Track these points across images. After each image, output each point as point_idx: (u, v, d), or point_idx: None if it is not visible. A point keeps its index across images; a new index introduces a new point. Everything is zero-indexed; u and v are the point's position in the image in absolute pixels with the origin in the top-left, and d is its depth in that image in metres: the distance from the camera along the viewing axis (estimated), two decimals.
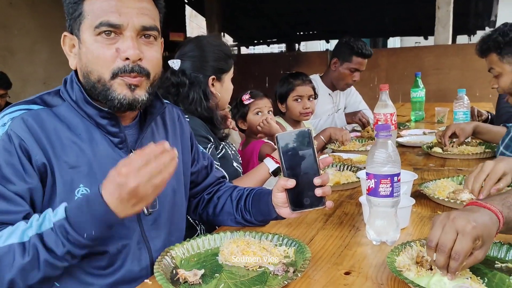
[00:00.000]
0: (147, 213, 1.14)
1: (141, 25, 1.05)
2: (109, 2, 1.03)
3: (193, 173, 1.36)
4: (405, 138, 2.54)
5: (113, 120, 1.09)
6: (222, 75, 1.76)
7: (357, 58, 2.99)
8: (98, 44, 1.03)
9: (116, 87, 1.05)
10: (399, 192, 1.13)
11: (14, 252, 0.92)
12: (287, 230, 1.28)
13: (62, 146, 1.04)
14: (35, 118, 1.04)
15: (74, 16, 1.05)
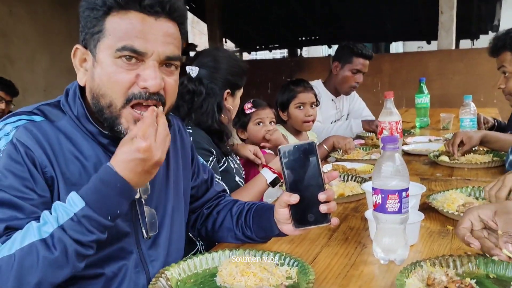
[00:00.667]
0: (147, 237, 1.08)
1: (166, 55, 0.98)
2: (134, 25, 0.95)
3: (193, 187, 1.30)
4: (410, 146, 2.48)
5: (115, 140, 1.02)
6: (235, 91, 1.74)
7: (357, 59, 2.96)
8: (117, 68, 0.96)
9: (123, 120, 0.98)
10: (407, 207, 1.06)
11: (38, 251, 0.86)
12: (289, 247, 1.22)
13: (65, 161, 0.98)
14: (39, 129, 0.98)
15: (92, 32, 0.98)
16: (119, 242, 1.04)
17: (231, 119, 1.78)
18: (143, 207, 1.07)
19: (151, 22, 0.96)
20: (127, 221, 1.05)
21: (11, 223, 0.90)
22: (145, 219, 1.07)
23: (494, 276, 0.97)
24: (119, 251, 1.05)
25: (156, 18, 0.97)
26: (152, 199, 1.10)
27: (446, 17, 5.39)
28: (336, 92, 3.11)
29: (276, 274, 1.02)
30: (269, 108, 2.25)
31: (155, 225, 1.09)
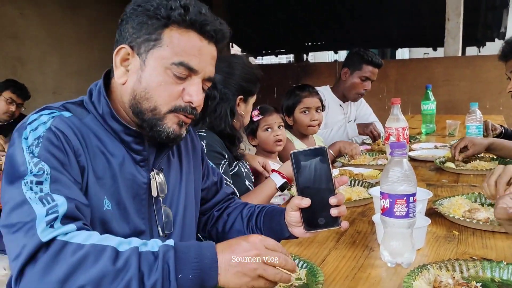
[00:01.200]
0: (163, 235, 1.11)
1: (209, 75, 1.07)
2: (193, 44, 1.01)
3: (203, 189, 1.33)
4: (416, 152, 2.50)
5: (138, 138, 1.06)
6: (248, 97, 1.78)
7: (367, 67, 2.98)
8: (168, 78, 1.01)
9: (168, 121, 1.03)
10: (415, 212, 1.09)
11: (105, 254, 0.81)
12: (298, 249, 1.25)
13: (94, 154, 1.01)
14: (70, 122, 1.00)
15: (147, 38, 1.01)
16: None
17: (243, 124, 1.82)
18: (161, 205, 1.10)
19: (205, 45, 1.04)
20: (143, 219, 1.08)
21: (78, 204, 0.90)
22: (162, 217, 1.11)
23: (499, 280, 1.00)
24: None
25: (209, 42, 1.05)
26: (167, 198, 1.14)
27: (453, 24, 5.42)
28: (344, 97, 3.14)
29: None
30: (276, 113, 2.28)
31: (171, 223, 1.12)
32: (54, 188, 0.89)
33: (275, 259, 0.85)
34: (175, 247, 0.85)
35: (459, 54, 5.55)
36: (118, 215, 1.03)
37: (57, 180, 0.90)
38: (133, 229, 1.06)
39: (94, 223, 0.98)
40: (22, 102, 3.62)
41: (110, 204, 1.01)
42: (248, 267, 0.84)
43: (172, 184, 1.16)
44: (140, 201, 1.07)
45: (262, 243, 0.86)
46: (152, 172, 1.09)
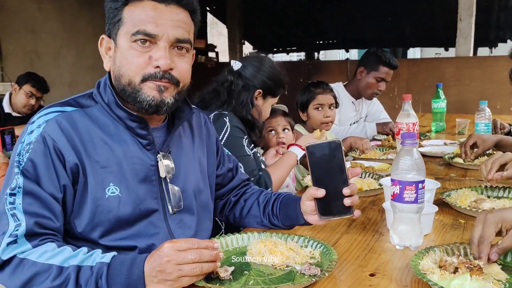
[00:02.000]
0: (172, 212, 1.19)
1: (175, 37, 1.10)
2: (147, 12, 1.08)
3: (219, 175, 1.41)
4: (426, 148, 2.56)
5: (142, 123, 1.15)
6: (268, 95, 1.91)
7: (384, 68, 3.04)
8: (133, 51, 1.09)
9: (146, 89, 1.10)
10: (423, 198, 1.16)
11: (50, 274, 0.95)
12: (311, 233, 1.32)
13: (94, 146, 1.10)
14: (69, 120, 1.09)
15: (114, 21, 1.11)
16: (148, 218, 1.16)
17: (260, 119, 1.93)
18: (168, 185, 1.18)
19: (162, 9, 1.10)
20: (155, 199, 1.17)
21: (39, 220, 1.02)
22: (170, 196, 1.19)
23: (501, 262, 1.06)
24: (149, 226, 1.16)
25: (166, 5, 1.10)
26: (178, 180, 1.21)
27: (465, 24, 5.44)
28: (357, 95, 3.19)
29: (301, 254, 1.12)
30: (282, 115, 2.30)
31: (180, 202, 1.20)
32: (24, 202, 1.02)
33: (188, 258, 0.92)
34: (110, 264, 0.96)
35: (471, 55, 5.57)
36: (127, 197, 1.11)
37: (28, 193, 1.03)
38: (146, 208, 1.15)
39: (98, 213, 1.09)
40: (41, 95, 3.70)
41: (117, 188, 1.10)
42: (166, 272, 0.92)
43: (183, 165, 1.24)
44: (151, 182, 1.16)
45: (172, 248, 0.93)
46: (158, 155, 1.17)
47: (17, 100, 3.62)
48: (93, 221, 1.10)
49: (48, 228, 1.04)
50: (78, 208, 1.10)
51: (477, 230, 1.05)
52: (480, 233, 1.04)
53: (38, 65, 5.47)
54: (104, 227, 1.11)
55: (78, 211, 1.10)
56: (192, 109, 1.27)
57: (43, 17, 5.57)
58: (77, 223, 1.10)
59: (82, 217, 1.10)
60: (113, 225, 1.11)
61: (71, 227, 1.11)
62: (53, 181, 1.05)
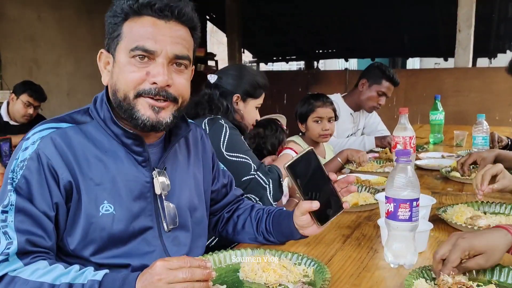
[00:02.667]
0: (167, 230, 1.18)
1: (174, 53, 1.09)
2: (146, 28, 1.08)
3: (213, 191, 1.40)
4: (423, 161, 2.55)
5: (137, 140, 1.14)
6: (247, 98, 1.96)
7: (386, 82, 3.05)
8: (131, 66, 1.08)
9: (139, 107, 1.09)
10: (417, 216, 1.15)
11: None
12: (305, 249, 1.31)
13: (88, 164, 1.09)
14: (63, 137, 1.09)
15: (113, 36, 1.11)
16: (142, 235, 1.15)
17: (245, 123, 1.98)
18: (164, 202, 1.17)
19: (162, 25, 1.09)
20: (150, 216, 1.16)
21: (31, 238, 1.01)
22: (166, 213, 1.17)
23: (496, 282, 1.05)
24: (143, 244, 1.15)
25: (166, 21, 1.09)
26: (173, 197, 1.20)
27: (464, 35, 5.46)
28: (355, 107, 3.19)
29: (294, 272, 1.11)
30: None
31: (175, 219, 1.19)
32: (16, 219, 1.01)
33: (179, 277, 0.90)
34: (101, 281, 0.95)
35: (470, 65, 5.58)
36: (121, 215, 1.10)
37: (20, 211, 1.01)
38: (141, 225, 1.14)
39: (91, 231, 1.08)
40: (39, 104, 3.70)
41: (111, 206, 1.09)
42: None
43: (178, 182, 1.23)
44: (146, 199, 1.15)
45: (164, 267, 0.92)
46: (154, 172, 1.16)
47: (15, 110, 3.62)
48: (86, 238, 1.09)
49: (40, 246, 1.03)
50: (71, 225, 1.09)
51: (444, 248, 1.05)
52: (446, 255, 1.03)
53: (37, 73, 5.49)
54: (97, 244, 1.10)
55: (71, 228, 1.09)
56: (189, 126, 1.27)
57: (42, 26, 5.59)
58: (69, 241, 1.09)
59: (75, 234, 1.09)
60: (106, 242, 1.10)
61: (63, 244, 1.10)
62: (46, 199, 1.04)
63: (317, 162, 1.12)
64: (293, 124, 2.77)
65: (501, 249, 1.05)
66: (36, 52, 5.57)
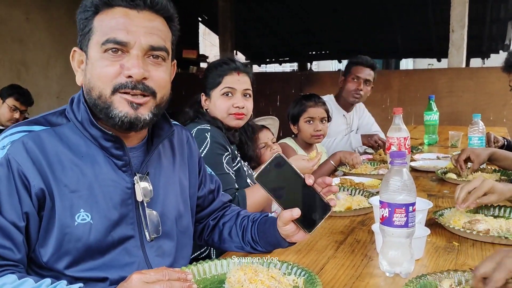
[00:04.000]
0: (149, 239, 1.11)
1: (149, 44, 1.02)
2: (117, 20, 1.01)
3: (200, 197, 1.33)
4: (418, 162, 2.50)
5: (117, 143, 1.06)
6: (209, 91, 1.87)
7: (355, 67, 3.07)
8: (103, 61, 1.01)
9: (116, 104, 1.02)
10: (414, 222, 1.09)
11: None
12: (296, 257, 1.24)
13: (63, 169, 1.01)
14: (35, 140, 1.01)
15: (84, 32, 1.04)
16: (122, 244, 1.07)
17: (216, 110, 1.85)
18: (146, 210, 1.10)
19: (134, 15, 1.02)
20: (131, 224, 1.08)
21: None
22: (148, 221, 1.10)
23: None
24: (123, 254, 1.07)
25: (138, 11, 1.02)
26: (157, 203, 1.13)
27: (457, 35, 5.43)
28: (346, 106, 3.15)
29: (283, 282, 1.04)
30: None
31: (158, 227, 1.11)
32: None
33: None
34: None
35: (463, 66, 5.55)
36: (99, 224, 1.03)
37: None
38: (121, 235, 1.06)
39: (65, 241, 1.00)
40: (25, 108, 3.62)
41: (88, 215, 1.02)
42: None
43: (162, 188, 1.16)
44: (126, 206, 1.07)
45: (140, 280, 0.85)
46: (135, 177, 1.09)
47: (1, 114, 3.54)
48: (60, 250, 1.01)
49: (8, 259, 0.95)
50: (44, 236, 1.01)
51: (487, 266, 0.93)
52: (489, 273, 0.92)
53: (25, 76, 5.39)
54: (72, 256, 1.02)
55: (44, 239, 1.01)
56: (172, 126, 1.19)
57: (31, 27, 5.49)
58: (42, 252, 1.01)
59: (48, 245, 1.01)
60: (82, 254, 1.02)
61: (36, 256, 1.02)
62: (16, 208, 0.97)
63: (288, 167, 1.05)
64: (287, 126, 2.71)
65: None
66: (24, 53, 5.47)
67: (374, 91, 5.85)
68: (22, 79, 5.16)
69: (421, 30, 8.19)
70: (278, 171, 1.04)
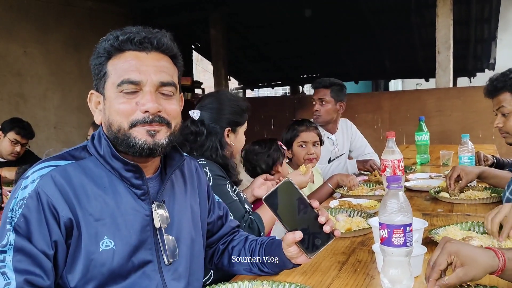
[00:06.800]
0: (168, 263, 1.18)
1: (159, 81, 1.13)
2: (129, 62, 1.12)
3: (209, 223, 1.41)
4: (412, 182, 2.59)
5: (137, 173, 1.15)
6: (236, 128, 1.91)
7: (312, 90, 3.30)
8: (120, 98, 1.11)
9: (135, 134, 1.11)
10: (411, 241, 1.17)
11: None
12: (302, 278, 1.32)
13: (88, 200, 1.10)
14: (63, 174, 1.10)
15: (100, 76, 1.14)
16: (142, 268, 1.15)
17: (234, 154, 1.95)
18: (164, 235, 1.18)
19: (143, 57, 1.13)
20: (150, 249, 1.16)
21: (29, 277, 1.01)
22: (166, 246, 1.18)
23: None
24: (143, 277, 1.14)
25: (147, 52, 1.13)
26: (172, 229, 1.21)
27: (443, 57, 5.61)
28: (328, 129, 3.24)
29: None
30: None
31: (175, 252, 1.19)
32: (14, 259, 1.01)
33: None
34: None
35: (450, 85, 5.72)
36: (122, 250, 1.11)
37: (19, 250, 1.02)
38: (141, 260, 1.14)
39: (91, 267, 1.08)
40: (26, 141, 3.67)
41: (112, 242, 1.10)
42: None
43: (176, 214, 1.24)
44: (145, 233, 1.15)
45: None
46: (153, 205, 1.17)
47: (2, 148, 3.59)
48: (87, 275, 1.08)
49: (39, 286, 1.02)
50: (71, 262, 1.09)
51: (435, 253, 1.09)
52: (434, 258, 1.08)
53: (23, 108, 5.47)
54: (98, 280, 1.09)
55: (71, 265, 1.09)
56: (183, 156, 1.28)
57: (29, 61, 5.61)
58: (70, 278, 1.09)
59: (75, 271, 1.08)
60: (106, 278, 1.10)
61: (63, 282, 1.09)
62: (45, 238, 1.05)
63: (296, 192, 1.14)
64: None
65: (483, 267, 1.07)
66: (22, 86, 5.56)
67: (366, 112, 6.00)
68: (20, 111, 5.23)
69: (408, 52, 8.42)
70: (286, 195, 1.13)
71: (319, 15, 7.48)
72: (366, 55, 8.84)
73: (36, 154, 3.97)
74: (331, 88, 3.20)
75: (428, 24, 6.44)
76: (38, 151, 4.45)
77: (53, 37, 5.81)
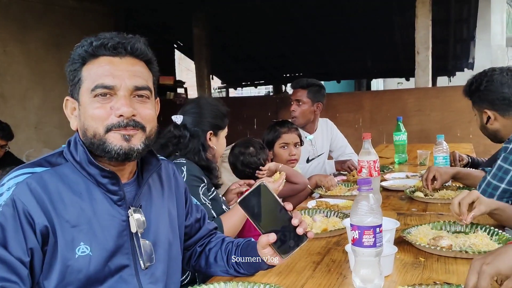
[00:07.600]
0: (144, 267, 1.20)
1: (133, 85, 1.15)
2: (103, 67, 1.13)
3: (187, 226, 1.43)
4: (389, 182, 2.64)
5: (113, 179, 1.17)
6: (218, 131, 1.99)
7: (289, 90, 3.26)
8: (94, 103, 1.13)
9: (111, 139, 1.13)
10: (381, 242, 1.21)
11: None
12: (277, 279, 1.35)
13: (64, 206, 1.11)
14: (39, 181, 1.11)
15: (74, 82, 1.16)
16: (119, 273, 1.17)
17: (217, 155, 2.02)
18: (140, 240, 1.20)
19: (117, 62, 1.15)
20: (127, 254, 1.18)
21: (5, 284, 1.02)
22: (142, 251, 1.20)
23: None
24: (120, 282, 1.16)
25: (121, 57, 1.15)
26: (149, 233, 1.23)
27: (422, 57, 5.71)
28: (306, 129, 3.25)
29: None
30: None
31: (151, 256, 1.21)
32: None
33: None
34: None
35: (430, 85, 5.82)
36: (98, 255, 1.12)
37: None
38: (117, 265, 1.16)
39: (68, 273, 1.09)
40: (5, 143, 3.65)
41: (88, 247, 1.12)
42: None
43: (153, 218, 1.26)
44: (122, 238, 1.17)
45: None
46: (129, 210, 1.19)
47: None
48: (63, 281, 1.10)
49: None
50: (48, 269, 1.10)
51: (471, 279, 1.03)
52: (475, 285, 1.02)
53: (3, 107, 5.40)
54: (74, 286, 1.11)
55: (48, 272, 1.10)
56: (159, 161, 1.30)
57: (8, 60, 5.53)
58: (46, 284, 1.10)
59: (52, 278, 1.10)
60: (83, 284, 1.11)
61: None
62: (21, 245, 1.06)
63: (270, 195, 1.17)
64: None
65: None
66: (2, 86, 5.48)
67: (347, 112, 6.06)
68: (0, 111, 5.16)
69: (389, 52, 8.53)
70: (260, 198, 1.16)
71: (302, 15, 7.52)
72: (349, 55, 8.94)
73: (16, 155, 3.94)
74: (309, 89, 3.21)
75: (409, 25, 6.53)
76: (18, 151, 4.40)
77: (33, 36, 5.74)
